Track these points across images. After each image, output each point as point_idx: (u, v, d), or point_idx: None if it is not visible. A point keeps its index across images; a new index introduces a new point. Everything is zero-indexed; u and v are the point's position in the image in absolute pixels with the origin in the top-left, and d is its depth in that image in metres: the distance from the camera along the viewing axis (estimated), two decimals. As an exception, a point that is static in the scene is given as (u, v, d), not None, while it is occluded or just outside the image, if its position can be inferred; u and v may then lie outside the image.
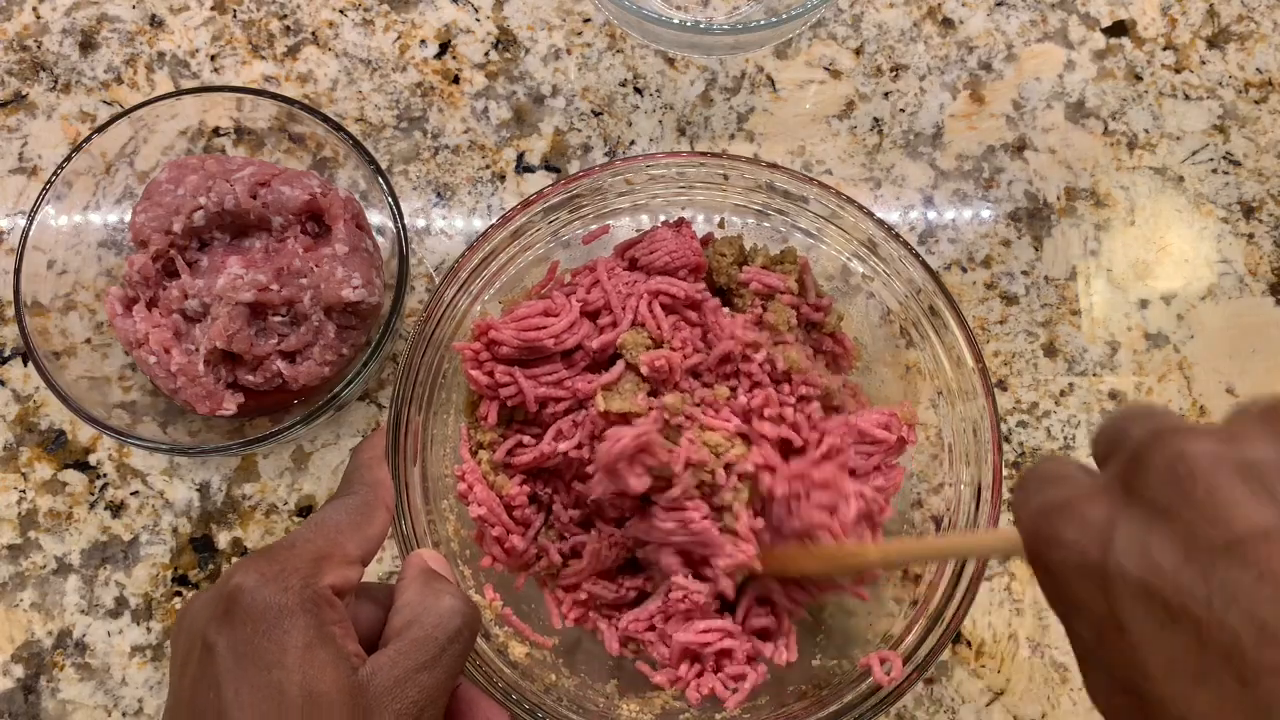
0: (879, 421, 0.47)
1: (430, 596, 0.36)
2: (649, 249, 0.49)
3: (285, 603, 0.32)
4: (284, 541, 0.35)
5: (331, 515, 0.37)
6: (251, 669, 0.31)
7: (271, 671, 0.31)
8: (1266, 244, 0.61)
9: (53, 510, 0.56)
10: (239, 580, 0.32)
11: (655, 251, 0.49)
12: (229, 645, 0.31)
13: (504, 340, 0.46)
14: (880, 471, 0.48)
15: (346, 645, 0.33)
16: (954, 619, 0.44)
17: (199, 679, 0.31)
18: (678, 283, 0.48)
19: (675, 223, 0.50)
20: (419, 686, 0.33)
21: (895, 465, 0.49)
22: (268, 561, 0.33)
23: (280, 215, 0.53)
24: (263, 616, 0.31)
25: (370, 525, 0.38)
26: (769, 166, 0.49)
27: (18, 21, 0.63)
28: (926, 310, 0.49)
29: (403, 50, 0.62)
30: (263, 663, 0.31)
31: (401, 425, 0.46)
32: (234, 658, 0.31)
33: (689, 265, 0.48)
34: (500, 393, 0.47)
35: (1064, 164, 0.62)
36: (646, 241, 0.49)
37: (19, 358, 0.58)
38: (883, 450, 0.48)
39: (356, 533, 0.37)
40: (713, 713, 0.46)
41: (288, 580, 0.32)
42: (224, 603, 0.32)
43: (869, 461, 0.48)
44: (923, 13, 0.64)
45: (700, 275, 0.49)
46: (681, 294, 0.47)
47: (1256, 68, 0.63)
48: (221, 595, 0.32)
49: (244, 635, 0.31)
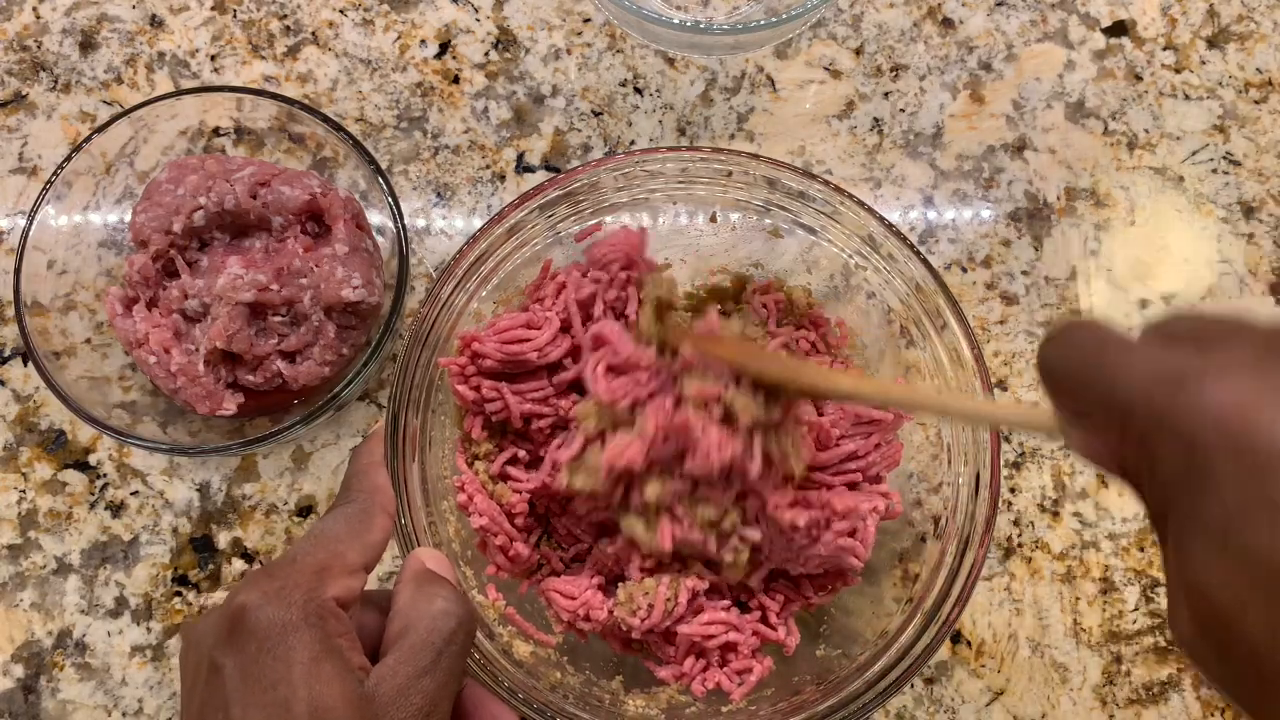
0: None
1: (423, 600, 0.36)
2: (599, 244, 0.48)
3: (289, 619, 0.32)
4: (285, 557, 0.35)
5: (331, 525, 0.38)
6: (257, 688, 0.31)
7: (278, 689, 0.31)
8: (1266, 244, 0.61)
9: (53, 510, 0.56)
10: (242, 599, 0.32)
11: (600, 245, 0.48)
12: (235, 666, 0.31)
13: (487, 353, 0.46)
14: (879, 449, 0.48)
15: (352, 657, 0.33)
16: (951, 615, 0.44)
17: (207, 701, 0.32)
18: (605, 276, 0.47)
19: (638, 230, 0.49)
20: (421, 692, 0.33)
21: (894, 440, 0.49)
22: (269, 579, 0.33)
23: (280, 215, 0.53)
24: (267, 634, 0.32)
25: (370, 532, 0.38)
26: (770, 162, 0.49)
27: (18, 21, 0.63)
28: (927, 309, 0.49)
29: (403, 50, 0.62)
30: (268, 681, 0.31)
31: (400, 427, 0.46)
32: (240, 678, 0.31)
33: (622, 261, 0.47)
34: (486, 408, 0.47)
35: (1064, 164, 0.62)
36: (604, 238, 0.48)
37: (19, 358, 0.58)
38: (881, 429, 0.48)
39: (357, 541, 0.37)
40: (719, 705, 0.46)
41: (291, 596, 0.33)
42: (228, 623, 0.32)
43: (869, 441, 0.48)
44: (923, 13, 0.64)
45: (633, 271, 0.48)
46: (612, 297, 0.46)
47: (1256, 68, 0.63)
48: (226, 616, 0.33)
49: (249, 655, 0.31)
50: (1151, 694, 0.54)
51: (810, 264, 0.53)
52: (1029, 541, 0.56)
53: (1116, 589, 0.56)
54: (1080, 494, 0.57)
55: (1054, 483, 0.57)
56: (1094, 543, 0.56)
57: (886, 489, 0.48)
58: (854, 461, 0.48)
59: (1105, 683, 0.54)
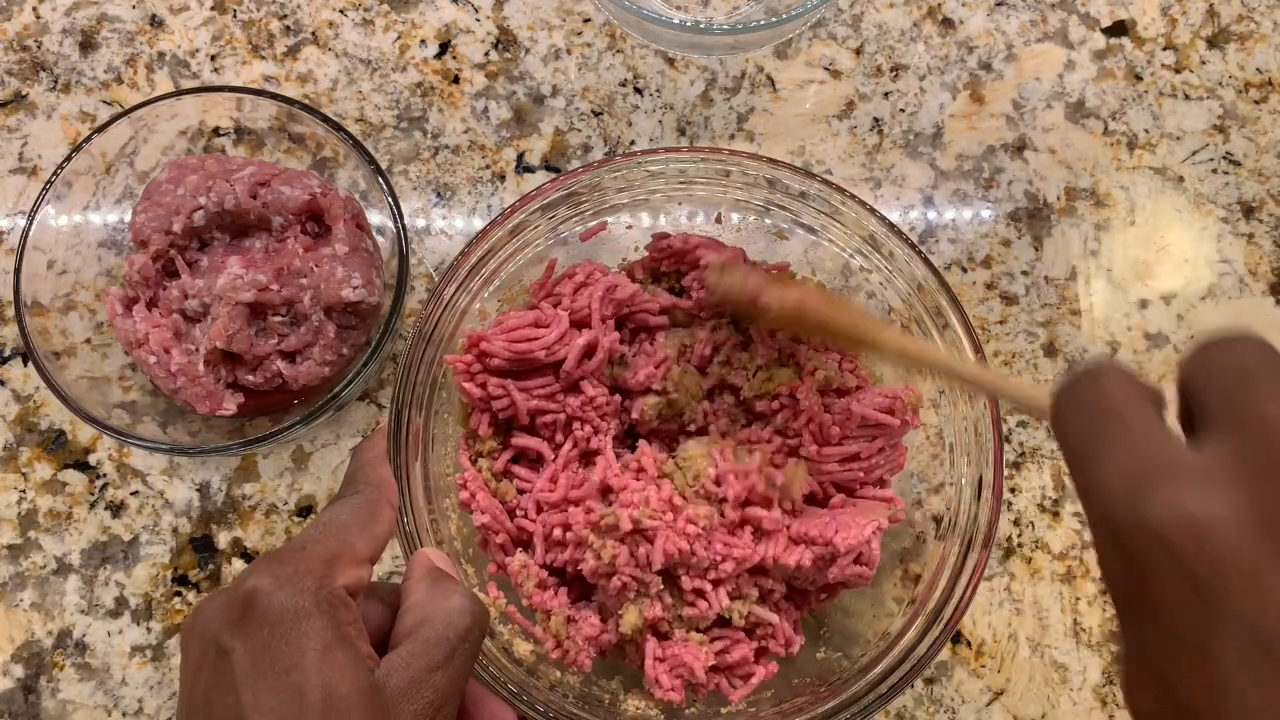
0: (881, 405, 0.47)
1: (439, 596, 0.36)
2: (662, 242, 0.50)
3: (302, 605, 0.32)
4: (294, 544, 0.35)
5: (338, 515, 0.37)
6: (270, 673, 0.30)
7: (290, 675, 0.30)
8: (1266, 244, 0.61)
9: (53, 510, 0.56)
10: (254, 583, 0.32)
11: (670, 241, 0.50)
12: (246, 650, 0.31)
13: (495, 352, 0.46)
14: (884, 453, 0.48)
15: (361, 646, 0.33)
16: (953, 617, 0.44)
17: (214, 685, 0.31)
18: (624, 283, 0.48)
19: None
20: (433, 687, 0.33)
21: (899, 445, 0.49)
22: (280, 564, 0.33)
23: (280, 215, 0.53)
24: (279, 619, 0.31)
25: (377, 524, 0.38)
26: (770, 162, 0.49)
27: (18, 21, 0.63)
28: (928, 309, 0.49)
29: (403, 50, 0.62)
30: (281, 666, 0.30)
31: (403, 424, 0.46)
32: (251, 662, 0.31)
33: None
34: (492, 405, 0.47)
35: (1064, 164, 0.62)
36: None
37: (19, 358, 0.58)
38: (886, 434, 0.48)
39: (364, 531, 0.37)
40: (718, 706, 0.46)
41: (303, 582, 0.32)
42: (239, 607, 0.32)
43: (873, 445, 0.48)
44: (923, 13, 0.64)
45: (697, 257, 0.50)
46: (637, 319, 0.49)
47: (1256, 68, 0.63)
48: (236, 599, 0.32)
49: (261, 639, 0.31)
50: (1151, 694, 0.54)
51: (813, 264, 0.53)
52: (1029, 541, 0.56)
53: (1116, 589, 0.56)
54: (1080, 494, 0.57)
55: (1054, 483, 0.57)
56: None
57: (891, 494, 0.48)
58: (856, 463, 0.48)
59: (1105, 683, 0.54)
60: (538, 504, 0.47)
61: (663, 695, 0.44)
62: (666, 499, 0.44)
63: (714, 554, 0.43)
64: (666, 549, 0.42)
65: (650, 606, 0.44)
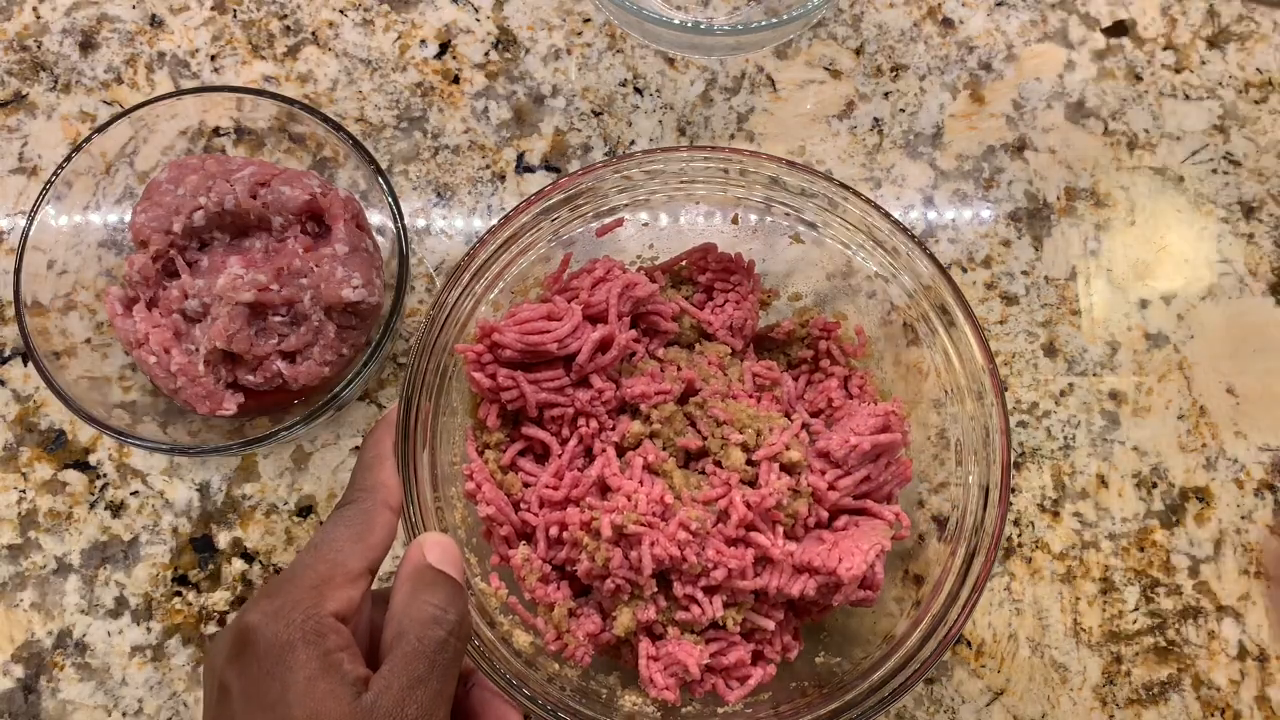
0: (877, 426, 0.47)
1: (414, 606, 0.36)
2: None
3: (289, 638, 0.33)
4: (287, 573, 0.36)
5: (331, 532, 0.38)
6: (257, 709, 0.32)
7: (275, 710, 0.32)
8: (1266, 244, 0.61)
9: (53, 510, 0.56)
10: (247, 619, 0.34)
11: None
12: (240, 688, 0.33)
13: (507, 343, 0.46)
14: (890, 469, 0.48)
15: (352, 671, 0.33)
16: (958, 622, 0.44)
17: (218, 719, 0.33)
18: (643, 282, 0.48)
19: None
20: (416, 703, 0.33)
21: (902, 458, 0.49)
22: (269, 598, 0.34)
23: (280, 215, 0.53)
24: (267, 654, 0.33)
25: (372, 534, 0.39)
26: (771, 160, 0.49)
27: (18, 21, 0.63)
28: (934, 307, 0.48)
29: (403, 50, 0.62)
30: (268, 701, 0.32)
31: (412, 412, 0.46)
32: (244, 699, 0.33)
33: None
34: (501, 396, 0.47)
35: (1064, 164, 0.62)
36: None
37: (19, 358, 0.58)
38: (889, 449, 0.48)
39: (359, 544, 0.38)
40: (715, 706, 0.46)
41: (290, 615, 0.34)
42: (236, 644, 0.34)
43: (878, 464, 0.48)
44: (923, 13, 0.64)
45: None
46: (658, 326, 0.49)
47: (1256, 68, 0.63)
48: (235, 636, 0.34)
49: (252, 676, 0.33)
50: (1151, 694, 0.54)
51: (814, 262, 0.53)
52: (1029, 541, 0.56)
53: (1116, 589, 0.56)
54: (1080, 494, 0.57)
55: (1054, 483, 0.57)
56: (1094, 543, 0.56)
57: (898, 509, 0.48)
58: (866, 484, 0.47)
59: (1105, 683, 0.54)
60: (540, 500, 0.47)
61: (657, 694, 0.44)
62: (659, 500, 0.44)
63: (706, 560, 0.43)
64: (655, 554, 0.42)
65: (644, 609, 0.44)
